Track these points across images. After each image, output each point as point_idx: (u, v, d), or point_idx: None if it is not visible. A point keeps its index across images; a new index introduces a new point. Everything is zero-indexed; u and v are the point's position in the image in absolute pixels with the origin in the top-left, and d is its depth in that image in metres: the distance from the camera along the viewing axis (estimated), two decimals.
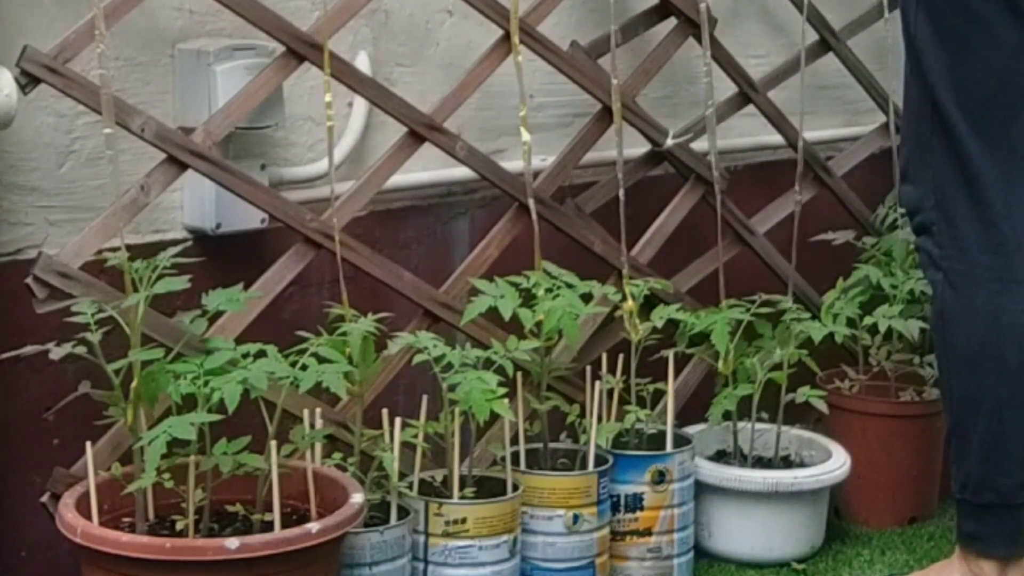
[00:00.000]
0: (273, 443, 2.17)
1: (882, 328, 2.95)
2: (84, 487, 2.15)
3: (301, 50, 2.42)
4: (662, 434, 2.72)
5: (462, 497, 2.41)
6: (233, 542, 2.02)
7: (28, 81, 2.15)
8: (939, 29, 2.40)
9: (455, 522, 2.38)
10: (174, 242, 2.39)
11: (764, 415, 2.86)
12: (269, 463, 2.16)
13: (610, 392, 2.68)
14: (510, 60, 2.68)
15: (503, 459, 2.50)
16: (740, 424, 2.84)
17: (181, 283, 2.20)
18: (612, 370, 2.69)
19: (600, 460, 2.59)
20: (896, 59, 2.94)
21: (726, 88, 3.13)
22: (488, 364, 2.43)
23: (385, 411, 2.40)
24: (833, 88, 3.49)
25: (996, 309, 2.40)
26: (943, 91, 2.40)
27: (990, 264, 2.40)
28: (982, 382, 2.43)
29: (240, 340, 2.28)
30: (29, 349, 2.19)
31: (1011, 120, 2.39)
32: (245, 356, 2.19)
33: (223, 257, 2.47)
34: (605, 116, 2.85)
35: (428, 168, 2.74)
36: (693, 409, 2.95)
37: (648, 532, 2.66)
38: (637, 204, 2.93)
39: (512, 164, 2.77)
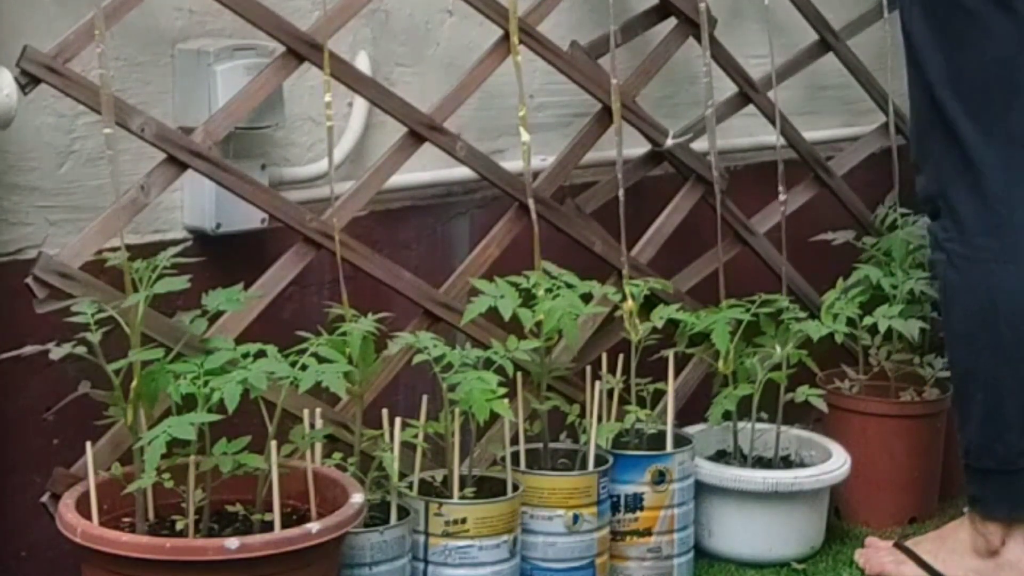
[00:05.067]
0: (273, 443, 2.17)
1: (882, 328, 2.94)
2: (84, 487, 2.15)
3: (301, 50, 2.42)
4: (662, 434, 2.72)
5: (462, 497, 2.41)
6: (233, 542, 2.02)
7: (28, 81, 2.15)
8: (933, 25, 2.52)
9: (455, 522, 2.38)
10: (174, 242, 2.39)
11: (764, 415, 2.86)
12: (269, 463, 2.16)
13: (610, 392, 2.68)
14: (510, 60, 2.68)
15: (503, 459, 2.50)
16: (740, 424, 2.84)
17: (181, 283, 2.20)
18: (612, 370, 2.69)
19: (600, 460, 2.59)
20: (896, 59, 2.95)
21: (726, 88, 3.13)
22: (488, 364, 2.43)
23: (385, 411, 2.40)
24: (833, 88, 3.49)
25: (992, 287, 2.53)
26: (940, 84, 2.51)
27: (987, 245, 2.53)
28: (980, 356, 2.57)
29: (240, 340, 2.27)
30: (29, 349, 2.19)
31: (1008, 108, 2.51)
32: (245, 356, 2.19)
33: (223, 257, 2.47)
34: (605, 116, 2.86)
35: (428, 168, 2.74)
36: (693, 409, 2.95)
37: (648, 532, 2.66)
38: (637, 204, 2.93)
39: (512, 164, 2.77)
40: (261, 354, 2.20)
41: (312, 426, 2.33)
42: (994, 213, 2.52)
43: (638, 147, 2.98)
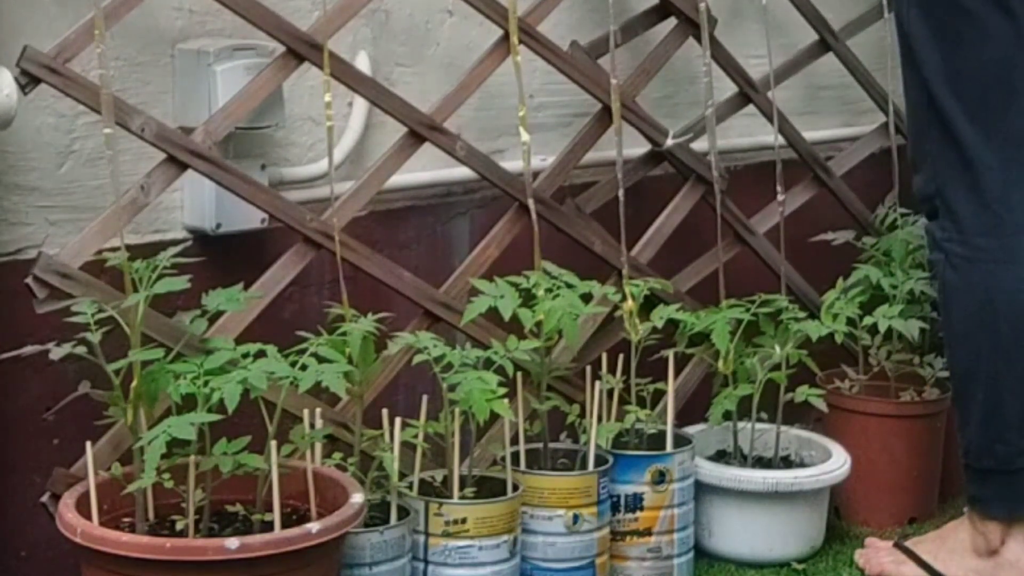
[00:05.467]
0: (273, 443, 2.17)
1: (882, 328, 2.94)
2: (84, 487, 2.15)
3: (301, 50, 2.42)
4: (662, 434, 2.72)
5: (462, 497, 2.41)
6: (233, 542, 2.02)
7: (28, 81, 2.15)
8: (932, 25, 2.52)
9: (455, 522, 2.38)
10: (174, 242, 2.39)
11: (764, 415, 2.85)
12: (269, 463, 2.16)
13: (610, 392, 2.68)
14: (510, 60, 2.68)
15: (503, 459, 2.50)
16: (740, 424, 2.84)
17: (181, 283, 2.20)
18: (612, 370, 2.69)
19: (600, 460, 2.59)
20: (896, 59, 2.94)
21: (726, 88, 3.13)
22: (488, 364, 2.43)
23: (385, 411, 2.40)
24: (833, 88, 3.49)
25: (991, 287, 2.53)
26: (938, 84, 2.52)
27: (986, 246, 2.53)
28: (979, 355, 2.57)
29: (240, 340, 2.27)
30: (29, 349, 2.19)
31: (1006, 108, 2.51)
32: (245, 356, 2.19)
33: (223, 257, 2.47)
34: (605, 116, 2.85)
35: (428, 168, 2.74)
36: (693, 409, 2.95)
37: (648, 532, 2.66)
38: (637, 204, 2.93)
39: (512, 164, 2.77)
40: (261, 354, 2.20)
41: (312, 426, 2.33)
42: (992, 213, 2.52)
43: (638, 147, 2.98)
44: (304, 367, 2.17)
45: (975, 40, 2.48)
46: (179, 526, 2.16)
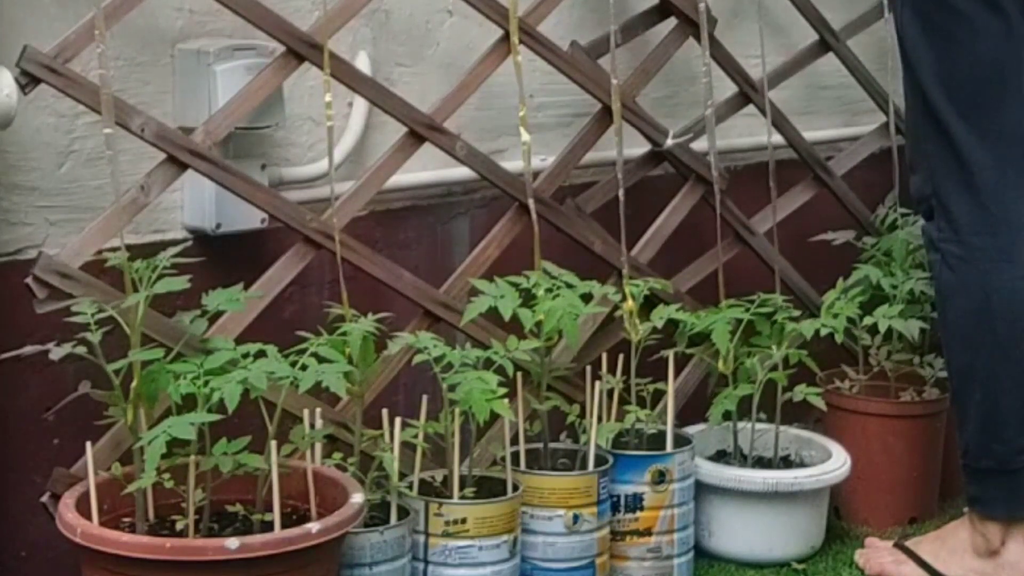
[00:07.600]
0: (273, 443, 2.17)
1: (882, 328, 2.94)
2: (84, 487, 2.15)
3: (301, 50, 2.42)
4: (662, 434, 2.72)
5: (462, 497, 2.41)
6: (233, 542, 2.02)
7: (28, 81, 2.15)
8: (924, 25, 2.53)
9: (455, 522, 2.38)
10: (174, 242, 2.39)
11: (763, 415, 2.85)
12: (269, 463, 2.16)
13: (610, 392, 2.68)
14: (510, 60, 2.68)
15: (503, 459, 2.50)
16: (740, 424, 2.84)
17: (181, 283, 2.20)
18: (612, 370, 2.69)
19: (600, 460, 2.59)
20: (896, 59, 2.95)
21: (726, 88, 3.13)
22: (488, 364, 2.43)
23: (385, 411, 2.40)
24: (833, 88, 3.49)
25: (987, 286, 2.54)
26: (931, 84, 2.53)
27: (982, 245, 2.54)
28: (976, 355, 2.57)
29: (240, 340, 2.27)
30: (29, 349, 2.19)
31: (999, 107, 2.52)
32: (245, 356, 2.19)
33: (223, 257, 2.47)
34: (605, 116, 2.86)
35: (428, 168, 2.74)
36: (693, 409, 2.95)
37: (648, 532, 2.66)
38: (637, 204, 2.93)
39: (512, 164, 2.77)
40: (261, 354, 2.20)
41: (312, 426, 2.33)
42: (987, 212, 2.53)
43: (638, 147, 2.98)
44: (304, 367, 2.17)
45: (966, 39, 2.49)
46: (179, 526, 2.16)
